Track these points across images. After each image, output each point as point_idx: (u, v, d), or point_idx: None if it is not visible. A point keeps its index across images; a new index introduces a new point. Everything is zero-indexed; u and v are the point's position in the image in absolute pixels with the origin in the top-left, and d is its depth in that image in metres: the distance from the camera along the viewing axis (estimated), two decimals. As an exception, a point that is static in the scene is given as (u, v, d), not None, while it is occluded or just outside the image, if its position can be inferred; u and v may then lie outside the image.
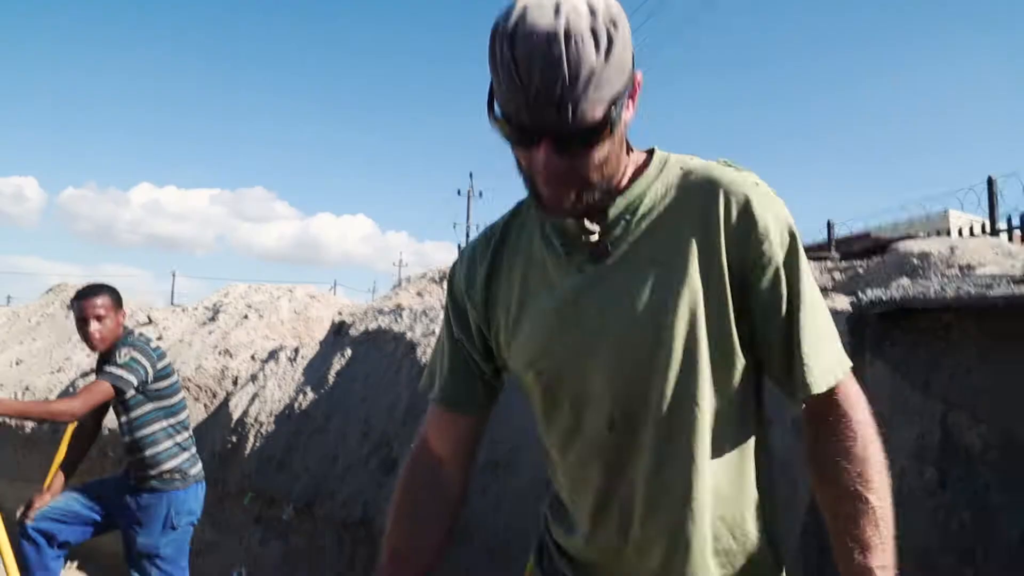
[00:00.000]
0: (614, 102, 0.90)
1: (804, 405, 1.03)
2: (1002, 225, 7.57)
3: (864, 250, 5.06)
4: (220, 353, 6.29)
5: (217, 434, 5.62)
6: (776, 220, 0.99)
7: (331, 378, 5.09)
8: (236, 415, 5.51)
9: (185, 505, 3.30)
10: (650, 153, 1.10)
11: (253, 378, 5.73)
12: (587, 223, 1.02)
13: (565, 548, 1.14)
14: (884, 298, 2.54)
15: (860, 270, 4.14)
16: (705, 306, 0.98)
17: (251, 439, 5.31)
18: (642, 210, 1.03)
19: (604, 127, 0.90)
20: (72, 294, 3.29)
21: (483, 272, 1.14)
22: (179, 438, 3.29)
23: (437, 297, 5.63)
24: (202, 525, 3.82)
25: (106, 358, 3.17)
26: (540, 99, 0.86)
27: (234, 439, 5.44)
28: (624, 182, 1.04)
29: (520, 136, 0.92)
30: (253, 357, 6.09)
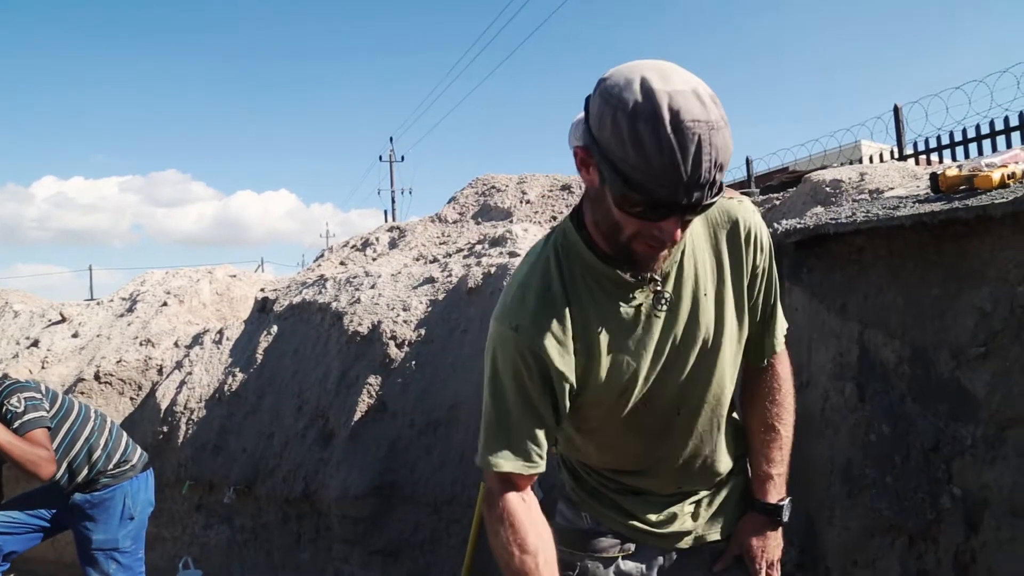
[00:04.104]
0: None
1: (755, 367, 1.39)
2: (909, 151, 7.84)
3: (782, 183, 5.18)
4: (141, 343, 6.05)
5: (147, 426, 5.43)
6: (766, 237, 1.29)
7: (259, 356, 4.96)
8: (164, 404, 5.33)
9: (140, 494, 3.24)
10: None
11: (179, 365, 5.55)
12: (656, 275, 1.18)
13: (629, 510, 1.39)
14: (799, 227, 2.59)
15: (777, 202, 4.23)
16: (738, 317, 1.27)
17: (183, 427, 5.16)
18: (687, 252, 1.21)
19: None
20: None
21: (568, 333, 1.20)
22: (103, 438, 3.20)
23: (360, 265, 5.50)
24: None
25: None
26: (697, 183, 0.95)
27: (165, 429, 5.28)
28: None
29: (656, 210, 1.00)
30: (176, 344, 5.88)
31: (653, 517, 1.37)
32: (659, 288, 1.19)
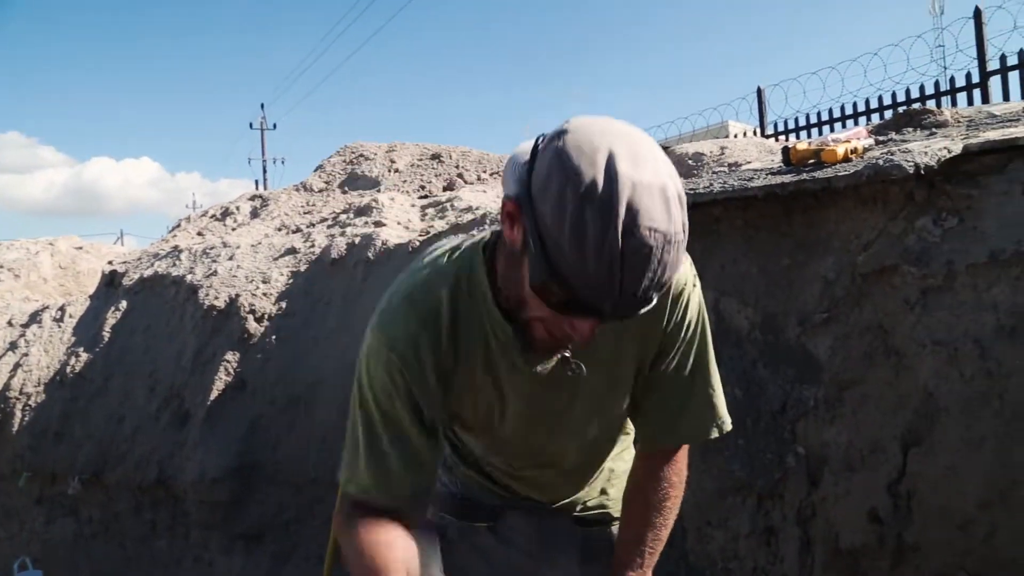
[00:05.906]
0: None
1: (648, 450, 1.23)
2: (771, 130, 8.26)
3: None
4: (-32, 322, 5.46)
5: (-24, 413, 4.93)
6: (699, 313, 1.14)
7: (106, 334, 4.60)
8: (-4, 389, 4.85)
9: None
10: None
11: (13, 346, 5.08)
12: (568, 351, 1.06)
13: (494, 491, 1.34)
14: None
15: (645, 175, 4.32)
16: (633, 384, 1.16)
17: (18, 414, 4.73)
18: None
19: None
20: None
21: (445, 364, 1.09)
22: None
23: (219, 235, 5.19)
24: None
25: None
26: (631, 298, 0.83)
27: (-2, 416, 4.81)
28: None
29: (572, 310, 0.87)
30: (11, 323, 5.37)
31: (521, 493, 1.35)
32: (568, 357, 1.06)
